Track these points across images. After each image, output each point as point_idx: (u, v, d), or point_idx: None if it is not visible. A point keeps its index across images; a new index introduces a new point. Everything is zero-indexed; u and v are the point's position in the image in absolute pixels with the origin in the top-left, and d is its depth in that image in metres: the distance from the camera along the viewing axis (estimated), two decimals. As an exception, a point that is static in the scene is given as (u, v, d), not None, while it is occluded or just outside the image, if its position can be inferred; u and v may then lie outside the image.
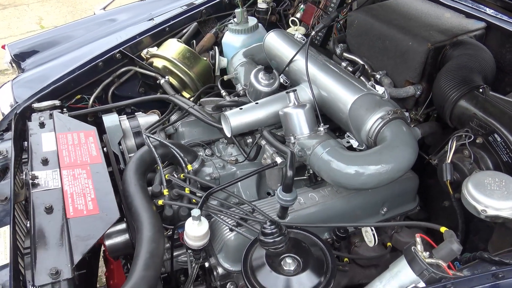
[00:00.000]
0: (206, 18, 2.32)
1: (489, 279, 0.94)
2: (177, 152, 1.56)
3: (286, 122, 1.53)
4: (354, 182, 1.33)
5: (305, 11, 2.31)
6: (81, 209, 1.29)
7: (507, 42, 1.59)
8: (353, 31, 1.85)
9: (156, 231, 1.30)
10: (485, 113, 1.28)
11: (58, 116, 1.71)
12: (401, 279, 1.00)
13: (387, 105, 1.45)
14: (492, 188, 1.12)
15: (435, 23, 1.65)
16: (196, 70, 2.06)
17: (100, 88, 2.06)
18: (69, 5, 6.82)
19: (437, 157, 1.40)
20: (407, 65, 1.62)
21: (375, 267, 1.59)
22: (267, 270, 1.05)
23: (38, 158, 1.50)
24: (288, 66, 1.72)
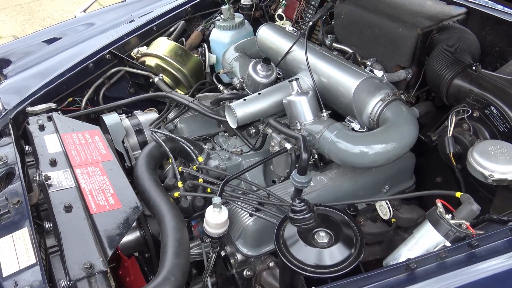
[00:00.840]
0: (191, 17, 2.34)
1: (507, 234, 1.03)
2: (187, 145, 1.58)
3: (290, 109, 1.58)
4: (364, 160, 1.40)
5: (287, 6, 2.38)
6: (103, 204, 1.29)
7: (486, 25, 1.71)
8: (341, 22, 1.93)
9: (179, 220, 1.33)
10: (480, 88, 1.39)
11: (58, 117, 1.69)
12: (427, 242, 1.08)
13: (386, 88, 1.54)
14: (496, 154, 1.23)
15: (420, 11, 1.76)
16: (189, 67, 2.09)
17: (92, 90, 2.04)
18: (25, 14, 6.61)
19: (436, 133, 1.50)
20: (397, 51, 1.71)
21: (379, 244, 1.68)
22: (301, 245, 1.10)
23: (46, 160, 1.48)
24: (285, 57, 1.78)
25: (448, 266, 1.00)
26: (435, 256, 1.01)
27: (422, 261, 1.00)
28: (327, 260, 1.09)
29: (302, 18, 2.34)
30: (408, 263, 1.00)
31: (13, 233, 1.29)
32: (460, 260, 1.01)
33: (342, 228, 1.13)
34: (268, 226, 1.40)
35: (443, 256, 1.00)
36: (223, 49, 2.22)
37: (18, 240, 1.26)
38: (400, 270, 1.00)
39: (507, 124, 1.32)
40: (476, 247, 1.01)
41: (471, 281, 0.96)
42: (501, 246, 1.02)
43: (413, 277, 0.99)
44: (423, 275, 0.99)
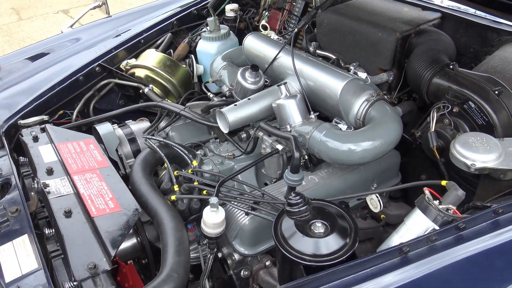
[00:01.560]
0: (177, 29, 2.40)
1: (491, 216, 1.10)
2: (181, 149, 1.63)
3: (280, 112, 1.65)
4: (353, 157, 1.47)
5: (270, 17, 2.47)
6: (103, 208, 1.32)
7: (460, 28, 1.82)
8: (323, 30, 2.02)
9: (178, 221, 1.36)
10: (458, 85, 1.48)
11: (52, 128, 1.72)
12: (417, 227, 1.14)
13: (369, 89, 1.62)
14: (476, 145, 1.31)
15: (398, 16, 1.86)
16: (177, 77, 2.14)
17: (82, 103, 2.08)
18: (4, 35, 6.60)
19: (419, 130, 1.58)
20: (379, 55, 1.80)
21: (370, 241, 1.73)
22: (299, 236, 1.15)
23: (42, 169, 1.51)
24: (272, 64, 1.84)
25: (438, 248, 1.06)
26: (425, 239, 1.07)
27: (414, 244, 1.06)
28: (324, 250, 1.13)
29: (285, 28, 2.43)
30: (401, 246, 1.06)
31: (13, 240, 1.30)
32: (449, 242, 1.07)
33: (337, 219, 1.19)
34: (264, 224, 1.45)
35: (433, 239, 1.06)
36: (210, 59, 2.28)
37: (19, 247, 1.28)
38: (394, 254, 1.06)
39: (485, 117, 1.41)
40: (463, 229, 1.08)
41: (460, 259, 1.02)
42: (486, 228, 1.09)
43: (406, 260, 1.05)
44: (416, 258, 1.05)
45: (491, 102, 1.40)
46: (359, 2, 2.07)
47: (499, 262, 1.03)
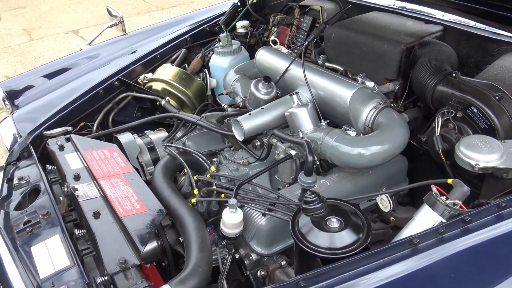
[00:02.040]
0: (191, 45, 2.52)
1: (495, 209, 1.18)
2: (200, 156, 1.72)
3: (292, 120, 1.74)
4: (363, 161, 1.55)
5: (279, 33, 2.59)
6: (130, 209, 1.41)
7: (461, 40, 1.92)
8: (331, 44, 2.13)
9: (199, 221, 1.45)
10: (461, 92, 1.57)
11: (77, 138, 1.82)
12: (426, 222, 1.22)
13: (377, 97, 1.71)
14: (480, 146, 1.39)
15: (402, 29, 1.97)
16: (192, 90, 2.25)
17: (102, 115, 2.18)
18: (16, 55, 6.78)
19: (425, 135, 1.67)
20: (385, 65, 1.90)
21: (380, 243, 1.81)
22: (315, 231, 1.23)
23: (70, 175, 1.60)
24: (283, 75, 1.95)
25: (446, 239, 1.14)
26: (434, 231, 1.14)
27: (423, 236, 1.14)
28: (338, 243, 1.21)
29: (293, 43, 2.54)
30: (411, 238, 1.13)
31: (46, 240, 1.39)
32: (456, 234, 1.15)
33: (350, 216, 1.27)
34: (279, 225, 1.54)
35: (441, 231, 1.14)
36: (222, 73, 2.40)
37: (51, 246, 1.37)
38: (405, 245, 1.14)
39: (487, 121, 1.49)
40: (469, 223, 1.16)
41: (466, 247, 1.10)
42: (490, 221, 1.17)
43: (416, 251, 1.13)
44: (425, 248, 1.12)
45: (493, 107, 1.49)
46: (365, 17, 2.18)
47: (503, 250, 1.10)
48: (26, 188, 1.67)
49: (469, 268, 1.09)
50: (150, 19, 7.67)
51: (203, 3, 8.41)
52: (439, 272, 1.07)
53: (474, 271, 1.08)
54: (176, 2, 8.62)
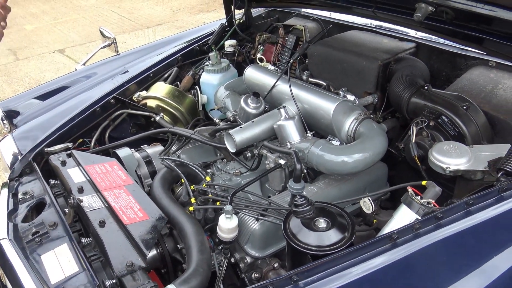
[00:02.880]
0: (182, 64, 2.66)
1: (463, 207, 1.33)
2: (196, 167, 1.84)
3: (280, 132, 1.88)
4: (347, 167, 1.70)
5: (265, 51, 2.74)
6: (133, 217, 1.52)
7: (432, 55, 2.10)
8: (314, 60, 2.29)
9: (198, 227, 1.57)
10: (432, 103, 1.73)
11: (78, 153, 1.93)
12: (403, 219, 1.36)
13: (357, 109, 1.87)
14: (450, 151, 1.55)
15: (378, 47, 2.14)
16: (185, 106, 2.38)
17: (99, 132, 2.29)
18: (2, 75, 6.83)
19: (402, 142, 1.83)
20: (364, 80, 2.06)
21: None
22: (305, 231, 1.36)
23: (74, 188, 1.71)
24: (270, 91, 2.09)
25: (421, 234, 1.28)
26: (411, 227, 1.28)
27: (401, 232, 1.28)
28: (326, 241, 1.34)
29: (279, 60, 2.69)
30: (391, 234, 1.27)
31: (55, 249, 1.49)
32: (430, 229, 1.29)
33: (336, 216, 1.41)
34: (271, 230, 1.66)
35: (417, 227, 1.28)
36: (212, 89, 2.53)
37: (60, 254, 1.47)
38: (385, 241, 1.27)
39: (456, 129, 1.66)
40: (441, 219, 1.30)
41: (439, 239, 1.24)
42: (459, 217, 1.31)
43: (396, 245, 1.26)
44: (403, 242, 1.26)
45: (461, 116, 1.66)
46: (344, 35, 2.35)
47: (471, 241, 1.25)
48: (31, 202, 1.77)
49: (442, 257, 1.23)
50: (135, 37, 7.82)
51: (187, 21, 8.61)
52: (416, 262, 1.21)
53: (447, 260, 1.22)
54: (161, 20, 8.78)
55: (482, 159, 1.53)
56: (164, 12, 9.26)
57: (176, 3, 9.78)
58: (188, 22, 8.57)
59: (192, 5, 9.54)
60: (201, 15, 8.91)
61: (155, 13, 9.25)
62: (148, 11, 9.42)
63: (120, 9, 9.64)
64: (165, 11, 9.37)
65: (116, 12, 9.50)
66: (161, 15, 9.11)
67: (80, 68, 2.70)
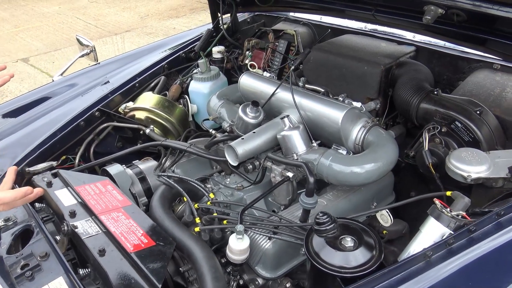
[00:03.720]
0: (168, 72, 2.52)
1: (494, 218, 1.27)
2: (197, 183, 1.72)
3: (285, 143, 1.78)
4: (359, 178, 1.61)
5: (253, 57, 2.64)
6: (137, 243, 1.38)
7: (433, 59, 2.06)
8: (310, 66, 2.20)
9: (208, 250, 1.44)
10: (444, 108, 1.68)
11: (65, 173, 1.76)
12: (432, 233, 1.28)
13: (364, 116, 1.79)
14: (469, 159, 1.49)
15: (378, 51, 2.07)
16: (175, 117, 2.24)
17: (83, 147, 2.12)
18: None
19: (413, 149, 1.76)
20: (365, 86, 1.99)
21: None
22: (331, 251, 1.26)
23: (65, 212, 1.55)
24: (269, 99, 1.99)
25: (455, 249, 1.21)
26: (444, 243, 1.21)
27: (435, 248, 1.20)
28: (353, 262, 1.25)
29: (269, 66, 2.60)
30: (425, 251, 1.19)
31: (49, 283, 1.33)
32: (463, 244, 1.22)
33: (362, 234, 1.31)
34: (284, 248, 1.56)
35: (450, 242, 1.21)
36: (203, 98, 2.41)
37: (56, 289, 1.31)
38: (419, 259, 1.19)
39: (471, 134, 1.60)
40: (474, 232, 1.23)
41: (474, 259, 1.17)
42: (491, 228, 1.25)
43: (430, 263, 1.19)
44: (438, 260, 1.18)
45: (475, 121, 1.61)
46: (340, 39, 2.28)
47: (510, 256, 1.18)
48: (16, 230, 1.59)
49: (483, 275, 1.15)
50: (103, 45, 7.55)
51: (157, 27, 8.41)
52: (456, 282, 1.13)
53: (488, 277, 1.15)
54: (129, 27, 8.55)
55: (501, 165, 1.48)
56: (132, 18, 9.03)
57: (144, 9, 9.56)
58: (157, 28, 8.37)
59: (160, 11, 9.34)
60: (170, 20, 8.73)
61: (122, 19, 9.00)
62: (115, 17, 9.15)
63: (85, 16, 9.33)
64: (133, 17, 9.13)
65: (81, 19, 9.19)
66: (129, 21, 8.87)
67: (58, 79, 2.52)
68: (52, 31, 8.52)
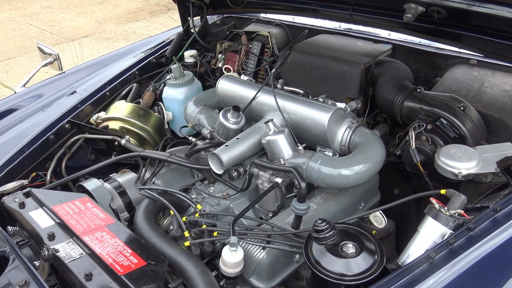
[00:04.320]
0: (140, 79, 2.42)
1: (491, 214, 1.27)
2: (183, 195, 1.64)
3: (271, 148, 1.73)
4: (350, 180, 1.58)
5: (226, 60, 2.58)
6: (127, 264, 1.29)
7: (410, 56, 2.07)
8: (287, 68, 2.16)
9: (202, 265, 1.37)
10: (429, 105, 1.68)
11: (39, 192, 1.64)
12: (431, 233, 1.26)
13: (348, 117, 1.77)
14: (458, 155, 1.49)
15: (356, 50, 2.06)
16: (151, 125, 2.15)
17: (54, 162, 2.00)
18: None
19: (399, 148, 1.75)
20: (346, 85, 1.97)
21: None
22: (330, 258, 1.22)
23: (44, 235, 1.43)
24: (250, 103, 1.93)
25: (456, 249, 1.20)
26: (446, 243, 1.20)
27: (437, 249, 1.19)
28: (355, 268, 1.22)
29: (243, 69, 2.54)
30: (428, 253, 1.17)
31: (33, 315, 1.23)
32: (464, 242, 1.21)
33: (362, 238, 1.28)
34: (278, 256, 1.51)
35: (452, 242, 1.20)
36: (178, 105, 2.33)
37: (41, 320, 1.21)
38: (423, 261, 1.17)
39: (456, 131, 1.61)
40: (473, 229, 1.23)
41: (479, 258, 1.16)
42: (490, 225, 1.25)
43: (434, 265, 1.17)
44: (441, 261, 1.17)
45: (459, 117, 1.62)
46: (315, 40, 2.25)
47: (511, 252, 1.19)
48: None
49: (489, 273, 1.15)
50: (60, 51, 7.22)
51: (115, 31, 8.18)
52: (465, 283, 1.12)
53: (494, 275, 1.14)
54: (87, 32, 8.26)
55: (489, 160, 1.49)
56: (88, 23, 8.73)
57: (101, 14, 9.27)
58: (116, 32, 8.14)
59: (118, 15, 9.09)
60: (129, 24, 8.51)
61: (78, 24, 8.69)
62: (71, 23, 8.83)
63: (39, 22, 8.95)
64: (90, 22, 8.83)
65: (34, 25, 8.80)
66: (85, 26, 8.57)
67: (20, 91, 2.37)
68: (3, 38, 8.12)
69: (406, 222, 1.97)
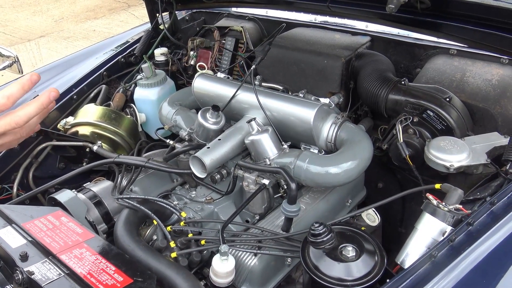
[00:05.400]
0: (108, 80, 2.29)
1: (488, 207, 1.24)
2: (167, 204, 1.55)
3: (255, 148, 1.66)
4: (340, 178, 1.53)
5: (198, 57, 2.48)
6: (112, 283, 1.19)
7: (389, 47, 2.04)
8: (265, 63, 2.08)
9: (193, 279, 1.28)
10: (414, 98, 1.65)
11: (7, 208, 1.50)
12: (430, 230, 1.22)
13: (332, 112, 1.71)
14: (448, 148, 1.47)
15: (334, 43, 2.01)
16: (124, 129, 2.04)
17: (21, 173, 1.86)
18: None
19: (385, 142, 1.72)
20: (327, 80, 1.92)
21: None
22: (329, 262, 1.16)
23: (15, 255, 1.31)
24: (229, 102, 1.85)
25: (457, 246, 1.16)
26: (447, 240, 1.16)
27: (439, 248, 1.15)
28: (355, 272, 1.17)
29: (216, 66, 2.45)
30: (431, 252, 1.13)
31: None
32: (464, 238, 1.17)
33: (360, 239, 1.23)
34: (269, 262, 1.44)
35: (453, 238, 1.16)
36: (151, 106, 2.22)
37: None
38: (426, 260, 1.13)
39: (443, 122, 1.59)
40: (472, 224, 1.20)
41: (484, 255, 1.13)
42: (487, 219, 1.22)
43: (437, 263, 1.13)
44: (444, 260, 1.13)
45: (446, 108, 1.59)
46: (292, 33, 2.19)
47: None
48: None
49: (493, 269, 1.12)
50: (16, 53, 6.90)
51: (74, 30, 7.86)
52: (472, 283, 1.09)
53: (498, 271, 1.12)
54: (43, 31, 7.90)
55: (479, 151, 1.47)
56: (45, 23, 8.36)
57: (58, 12, 8.89)
58: (75, 31, 7.83)
59: (76, 13, 8.74)
60: (89, 22, 8.20)
61: (34, 24, 8.31)
62: (26, 22, 8.42)
63: (-9, 22, 8.50)
64: (46, 21, 8.46)
65: (-15, 26, 8.34)
66: (42, 26, 8.20)
67: (-23, 97, 2.18)
68: (-47, 41, 7.64)
69: (389, 214, 1.95)
